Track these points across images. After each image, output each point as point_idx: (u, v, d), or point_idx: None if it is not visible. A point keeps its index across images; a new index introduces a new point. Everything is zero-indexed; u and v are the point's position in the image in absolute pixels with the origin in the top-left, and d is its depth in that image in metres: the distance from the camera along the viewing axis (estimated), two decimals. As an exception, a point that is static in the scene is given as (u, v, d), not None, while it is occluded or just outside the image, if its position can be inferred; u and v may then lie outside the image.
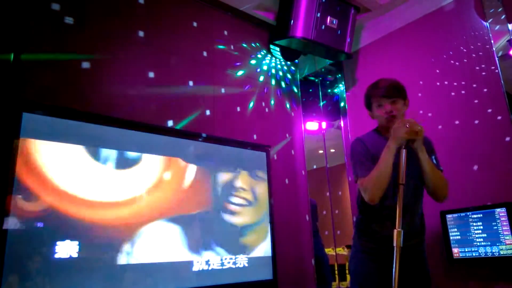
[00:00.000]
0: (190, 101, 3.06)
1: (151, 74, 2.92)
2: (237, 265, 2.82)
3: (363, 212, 1.85)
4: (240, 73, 3.45)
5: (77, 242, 2.16)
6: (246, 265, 2.87)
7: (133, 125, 2.65)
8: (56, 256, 2.09)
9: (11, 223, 1.99)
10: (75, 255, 2.14)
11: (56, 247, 2.10)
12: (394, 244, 1.48)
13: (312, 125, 4.43)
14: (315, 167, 5.83)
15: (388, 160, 1.64)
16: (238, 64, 3.46)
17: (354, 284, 1.80)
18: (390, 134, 1.64)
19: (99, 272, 2.21)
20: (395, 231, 1.49)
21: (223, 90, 3.29)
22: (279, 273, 3.04)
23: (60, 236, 2.12)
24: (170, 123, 2.90)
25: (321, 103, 3.98)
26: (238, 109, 3.35)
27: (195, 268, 2.62)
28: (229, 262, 2.79)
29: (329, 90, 4.06)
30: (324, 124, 4.36)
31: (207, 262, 2.68)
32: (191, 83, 3.12)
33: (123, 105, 2.69)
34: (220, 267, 2.73)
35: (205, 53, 3.27)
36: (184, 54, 3.13)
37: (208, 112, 3.15)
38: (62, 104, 2.37)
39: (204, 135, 2.97)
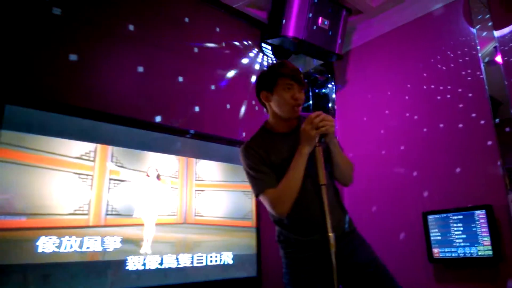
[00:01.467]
0: (179, 97, 3.07)
1: (140, 69, 2.92)
2: (222, 262, 2.85)
3: (279, 223, 1.63)
4: (231, 70, 3.47)
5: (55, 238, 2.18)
6: (231, 262, 2.90)
7: (120, 120, 2.64)
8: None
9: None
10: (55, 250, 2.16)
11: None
12: (332, 251, 1.40)
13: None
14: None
15: (300, 167, 1.48)
16: (229, 61, 3.48)
17: None
18: (300, 136, 1.50)
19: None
20: (330, 235, 1.41)
21: (213, 87, 3.31)
22: (263, 271, 3.07)
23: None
24: (158, 118, 2.91)
25: (311, 104, 4.01)
26: (228, 106, 3.37)
27: (180, 264, 2.64)
28: (215, 260, 2.82)
29: (319, 91, 4.10)
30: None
31: (192, 259, 2.70)
32: (180, 78, 3.13)
33: (111, 99, 2.68)
34: (205, 264, 2.75)
35: (196, 49, 3.28)
36: (174, 50, 3.13)
37: (197, 109, 3.16)
38: (48, 97, 2.36)
39: (192, 131, 2.99)
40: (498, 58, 2.72)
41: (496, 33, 2.71)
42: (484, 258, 2.52)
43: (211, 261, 2.79)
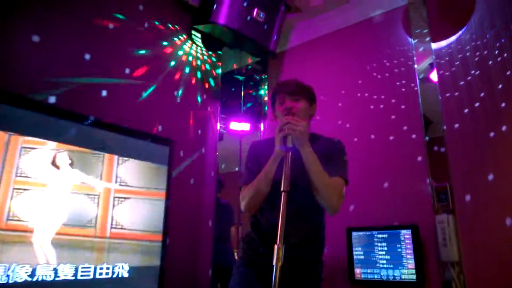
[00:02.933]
0: (83, 77, 2.57)
1: (36, 38, 2.39)
2: (114, 275, 2.37)
3: (251, 224, 1.67)
4: (151, 55, 3.03)
5: None
6: (126, 275, 2.43)
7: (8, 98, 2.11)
8: None
9: None
10: None
11: None
12: (274, 263, 1.22)
13: (235, 125, 4.14)
14: (236, 169, 5.56)
15: (270, 167, 1.50)
16: (150, 45, 3.04)
17: None
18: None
19: None
20: (275, 247, 1.23)
21: (127, 71, 2.85)
22: (166, 285, 2.65)
23: None
24: (52, 99, 2.39)
25: (242, 103, 3.70)
26: (144, 94, 2.93)
27: (60, 276, 2.13)
28: (106, 272, 2.33)
29: (253, 91, 3.81)
30: (247, 126, 4.09)
31: (75, 270, 2.20)
32: (87, 56, 2.64)
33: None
34: (92, 277, 2.26)
35: (111, 25, 2.80)
36: (84, 20, 2.64)
37: (104, 93, 2.68)
38: None
39: (92, 118, 2.49)
40: (433, 75, 2.61)
41: (434, 45, 2.60)
42: (407, 282, 2.34)
43: (100, 273, 2.31)
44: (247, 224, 1.71)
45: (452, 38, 2.54)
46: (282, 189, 1.32)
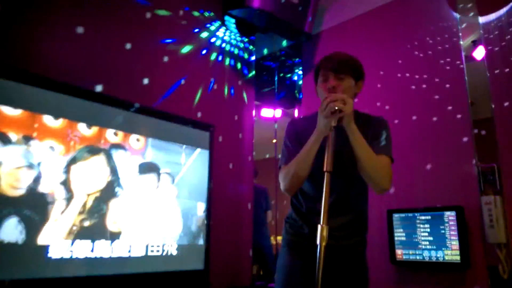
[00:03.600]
0: (125, 66, 2.66)
1: (80, 30, 2.48)
2: (164, 253, 2.49)
3: (291, 205, 1.64)
4: (188, 43, 3.07)
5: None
6: (175, 253, 2.54)
7: (55, 86, 2.22)
8: None
9: None
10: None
11: None
12: (318, 242, 1.22)
13: (267, 112, 4.16)
14: (268, 156, 5.60)
15: (311, 147, 1.43)
16: (186, 32, 3.08)
17: (277, 278, 1.58)
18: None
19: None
20: (319, 227, 1.23)
21: (166, 59, 2.91)
22: (211, 263, 2.75)
23: None
24: (99, 87, 2.49)
25: (276, 89, 3.69)
26: (182, 82, 2.98)
27: (115, 254, 2.26)
28: (157, 250, 2.45)
29: (286, 76, 3.80)
30: (279, 112, 4.10)
31: (129, 249, 2.33)
32: (128, 45, 2.71)
33: (44, 61, 2.25)
34: (144, 254, 2.39)
35: (148, 15, 2.85)
36: (123, 12, 2.71)
37: (146, 81, 2.76)
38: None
39: (137, 105, 2.58)
40: (477, 53, 2.50)
41: (481, 19, 2.48)
42: (451, 264, 2.32)
43: (152, 250, 2.43)
44: (288, 206, 1.67)
45: (502, 11, 2.42)
46: (325, 170, 1.30)
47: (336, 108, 1.33)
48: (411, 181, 2.62)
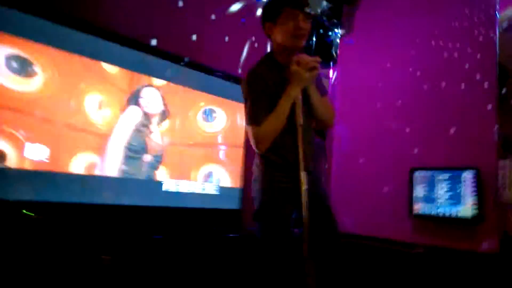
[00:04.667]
0: (177, 22, 2.89)
1: (139, -14, 2.71)
2: (205, 192, 2.85)
3: (263, 156, 1.62)
4: (233, 2, 3.26)
5: (46, 147, 2.10)
6: (216, 193, 2.91)
7: (115, 38, 2.49)
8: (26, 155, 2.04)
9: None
10: (44, 159, 2.09)
11: (25, 150, 2.03)
12: (304, 188, 1.48)
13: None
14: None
15: (287, 109, 1.50)
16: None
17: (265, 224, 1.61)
18: (291, 76, 1.50)
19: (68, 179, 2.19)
20: (301, 174, 1.48)
21: (213, 17, 3.12)
22: (245, 205, 3.11)
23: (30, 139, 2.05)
24: (153, 41, 2.75)
25: (313, 48, 3.85)
26: (226, 39, 3.20)
27: (164, 188, 2.64)
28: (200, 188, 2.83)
29: (324, 34, 3.93)
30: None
31: (176, 185, 2.70)
32: (180, 3, 2.93)
33: (104, 13, 2.50)
34: (189, 191, 2.76)
35: (199, -28, 3.04)
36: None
37: (194, 37, 2.99)
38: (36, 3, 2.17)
39: (186, 59, 2.84)
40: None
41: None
42: (464, 219, 2.57)
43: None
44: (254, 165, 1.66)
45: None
46: (298, 123, 1.51)
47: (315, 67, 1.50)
48: (435, 142, 2.83)
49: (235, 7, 3.23)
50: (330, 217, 1.65)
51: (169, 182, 2.67)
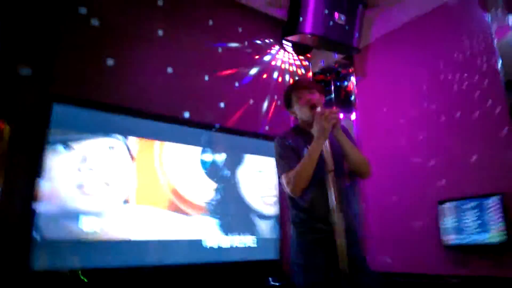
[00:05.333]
0: (205, 94, 3.33)
1: (170, 70, 3.20)
2: (246, 245, 3.09)
3: (294, 207, 1.87)
4: (253, 67, 3.67)
5: (98, 219, 2.49)
6: (254, 245, 3.13)
7: (154, 117, 2.94)
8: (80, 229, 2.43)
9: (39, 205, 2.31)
10: (97, 230, 2.48)
11: (81, 222, 2.43)
12: (337, 228, 1.58)
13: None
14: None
15: (317, 153, 1.71)
16: (251, 59, 3.69)
17: (299, 276, 1.78)
18: (313, 128, 1.72)
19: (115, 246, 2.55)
20: (336, 215, 1.59)
21: (236, 84, 3.54)
22: (284, 254, 3.28)
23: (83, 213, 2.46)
24: (186, 114, 3.18)
25: (333, 97, 4.12)
26: (251, 102, 3.58)
27: (208, 245, 2.92)
28: (239, 242, 3.06)
29: (341, 84, 4.20)
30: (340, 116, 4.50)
31: (218, 241, 2.97)
32: (206, 77, 3.38)
33: (144, 98, 2.98)
34: (229, 246, 3.00)
35: (220, 49, 3.51)
36: (200, 51, 3.39)
37: (222, 105, 3.40)
38: (89, 97, 2.69)
39: (217, 125, 3.23)
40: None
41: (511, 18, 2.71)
42: (495, 245, 2.55)
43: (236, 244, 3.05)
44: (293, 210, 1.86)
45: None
46: (329, 169, 1.65)
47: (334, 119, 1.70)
48: (458, 172, 2.88)
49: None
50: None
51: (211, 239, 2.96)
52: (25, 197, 2.32)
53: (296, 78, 1.80)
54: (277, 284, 2.97)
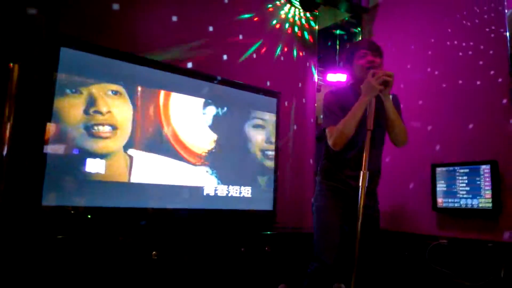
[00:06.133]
0: (208, 45, 3.28)
1: (174, 18, 3.14)
2: (241, 195, 3.20)
3: (328, 158, 2.04)
4: (257, 20, 3.60)
5: (104, 161, 2.56)
6: (250, 196, 3.24)
7: (157, 65, 2.92)
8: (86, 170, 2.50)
9: (49, 148, 2.36)
10: (102, 171, 2.55)
11: (86, 164, 2.50)
12: (360, 184, 1.70)
13: (332, 77, 4.57)
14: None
15: (360, 111, 1.82)
16: (257, 12, 3.61)
17: (316, 217, 2.00)
18: (364, 87, 1.81)
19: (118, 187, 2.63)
20: (361, 173, 1.70)
21: (241, 37, 3.48)
22: (278, 206, 3.41)
23: (90, 155, 2.52)
24: (189, 64, 3.16)
25: (338, 56, 4.09)
26: (254, 56, 3.55)
27: (205, 192, 3.02)
28: (235, 192, 3.17)
29: (348, 44, 4.14)
30: (343, 77, 4.49)
31: (215, 189, 3.07)
32: (211, 28, 3.33)
33: (149, 45, 2.94)
34: (226, 195, 3.11)
35: (226, 0, 3.43)
36: (205, 1, 3.30)
37: (225, 57, 3.37)
38: (95, 41, 2.65)
39: (219, 77, 3.22)
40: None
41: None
42: (484, 210, 2.68)
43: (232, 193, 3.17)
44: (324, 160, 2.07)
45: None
46: (367, 128, 1.74)
47: (386, 79, 1.78)
48: (454, 139, 2.95)
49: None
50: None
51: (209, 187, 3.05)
52: (35, 137, 2.36)
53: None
54: (269, 233, 3.12)
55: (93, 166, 2.52)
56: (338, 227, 1.93)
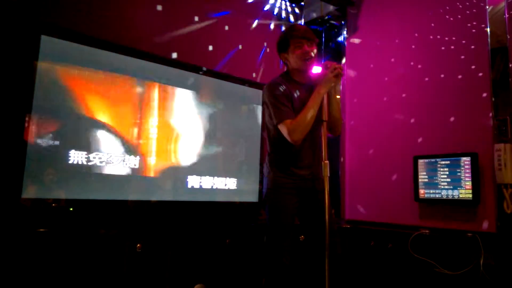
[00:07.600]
0: (194, 35, 3.24)
1: (159, 7, 3.08)
2: (227, 187, 3.19)
3: (277, 153, 1.99)
4: (244, 12, 3.57)
5: (85, 153, 2.50)
6: (235, 187, 3.24)
7: (141, 55, 2.85)
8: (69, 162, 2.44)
9: (29, 138, 2.28)
10: (85, 163, 2.50)
11: (69, 154, 2.44)
12: (323, 175, 1.73)
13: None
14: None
15: (318, 103, 1.82)
16: (243, 3, 3.58)
17: (271, 217, 1.94)
18: (320, 79, 1.83)
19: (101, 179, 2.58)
20: (323, 163, 1.73)
21: (226, 28, 3.45)
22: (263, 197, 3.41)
23: (73, 147, 2.46)
24: (174, 55, 3.11)
25: (323, 51, 4.10)
26: (240, 47, 3.53)
27: (190, 185, 3.00)
28: (220, 183, 3.16)
29: (333, 38, 4.17)
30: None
31: (200, 182, 3.05)
32: (196, 18, 3.28)
33: (133, 35, 2.88)
34: (211, 187, 3.10)
35: (210, -7, 3.38)
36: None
37: (210, 48, 3.34)
38: (77, 29, 2.57)
39: (204, 68, 3.19)
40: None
41: (506, -15, 2.72)
42: (464, 200, 2.75)
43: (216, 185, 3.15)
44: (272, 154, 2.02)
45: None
46: (323, 119, 1.79)
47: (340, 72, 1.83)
48: (436, 131, 3.02)
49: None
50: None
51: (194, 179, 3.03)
52: (16, 128, 2.28)
53: (293, 23, 1.84)
54: (253, 225, 3.13)
55: (76, 157, 2.47)
56: (294, 227, 1.94)
